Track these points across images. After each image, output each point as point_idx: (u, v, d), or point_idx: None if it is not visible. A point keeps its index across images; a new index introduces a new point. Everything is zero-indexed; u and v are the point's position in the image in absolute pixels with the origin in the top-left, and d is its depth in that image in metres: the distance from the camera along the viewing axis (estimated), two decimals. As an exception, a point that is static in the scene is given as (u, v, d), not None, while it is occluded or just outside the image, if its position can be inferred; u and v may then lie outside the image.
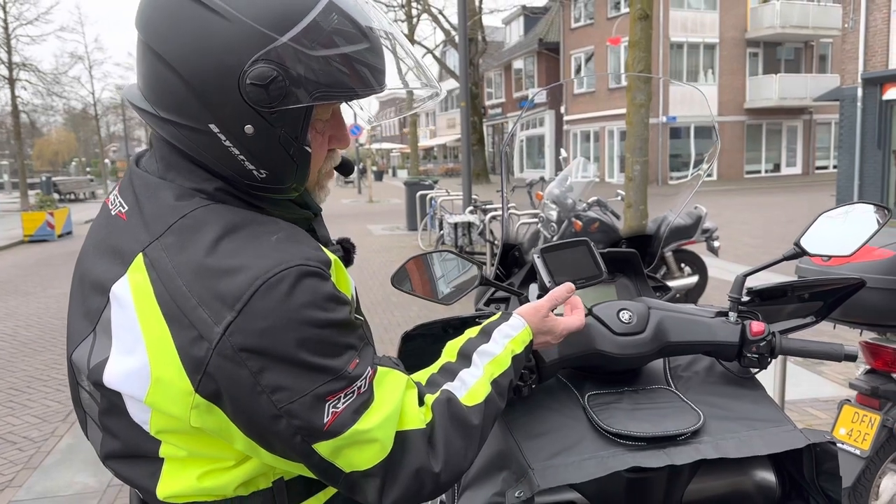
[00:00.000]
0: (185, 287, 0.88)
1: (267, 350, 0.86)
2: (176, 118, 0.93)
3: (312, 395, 0.88)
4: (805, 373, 4.97)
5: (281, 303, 0.86)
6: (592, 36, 32.58)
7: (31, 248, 15.36)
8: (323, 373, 0.89)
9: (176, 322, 0.87)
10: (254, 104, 0.89)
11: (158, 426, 0.94)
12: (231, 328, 0.85)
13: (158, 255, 0.90)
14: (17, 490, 3.78)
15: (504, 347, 1.13)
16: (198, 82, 0.90)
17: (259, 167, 0.95)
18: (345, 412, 0.90)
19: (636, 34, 6.09)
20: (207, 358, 0.86)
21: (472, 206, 10.43)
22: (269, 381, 0.87)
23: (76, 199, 32.02)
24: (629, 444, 1.30)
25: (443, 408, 1.01)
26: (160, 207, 0.94)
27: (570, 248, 1.45)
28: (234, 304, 0.86)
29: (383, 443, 0.93)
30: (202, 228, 0.91)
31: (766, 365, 1.46)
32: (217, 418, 0.90)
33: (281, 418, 0.88)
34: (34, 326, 7.67)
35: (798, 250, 1.51)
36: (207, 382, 0.87)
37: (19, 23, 24.25)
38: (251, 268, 0.87)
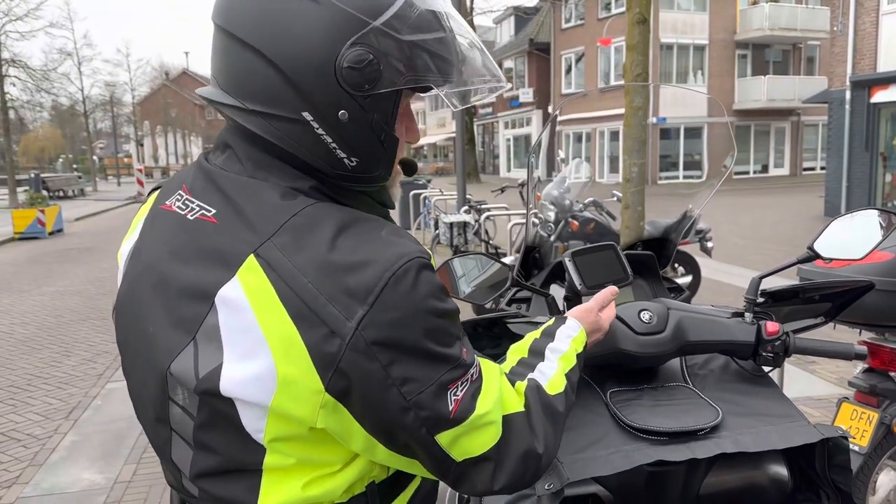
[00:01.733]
0: (311, 284, 0.86)
1: (397, 342, 0.87)
2: (267, 109, 0.92)
3: (437, 384, 0.90)
4: (798, 372, 5.06)
5: (409, 294, 0.87)
6: (583, 36, 32.69)
7: (21, 245, 15.27)
8: (445, 362, 0.91)
9: (304, 320, 0.86)
10: (349, 88, 0.90)
11: (274, 433, 0.91)
12: (364, 322, 0.85)
13: (274, 255, 0.88)
14: (25, 487, 3.80)
15: (569, 346, 1.18)
16: (292, 69, 0.89)
17: (350, 155, 0.95)
18: (465, 399, 0.92)
19: (634, 37, 6.15)
20: (340, 354, 0.86)
21: (467, 206, 10.48)
22: (399, 373, 0.87)
23: (65, 196, 31.77)
24: (652, 439, 1.36)
25: (534, 394, 1.05)
26: (264, 207, 0.92)
27: (599, 252, 1.52)
28: (367, 298, 0.85)
29: (497, 426, 0.96)
30: (317, 226, 0.90)
31: (780, 363, 1.53)
32: (341, 417, 0.90)
33: (409, 410, 0.89)
34: (30, 324, 7.66)
35: (811, 254, 1.58)
36: (338, 380, 0.87)
37: (9, 18, 24.02)
38: (377, 262, 0.87)
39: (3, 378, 5.77)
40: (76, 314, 8.04)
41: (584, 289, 1.46)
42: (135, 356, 1.00)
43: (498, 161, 43.84)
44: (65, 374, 5.83)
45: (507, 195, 10.02)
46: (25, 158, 55.87)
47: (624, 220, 6.32)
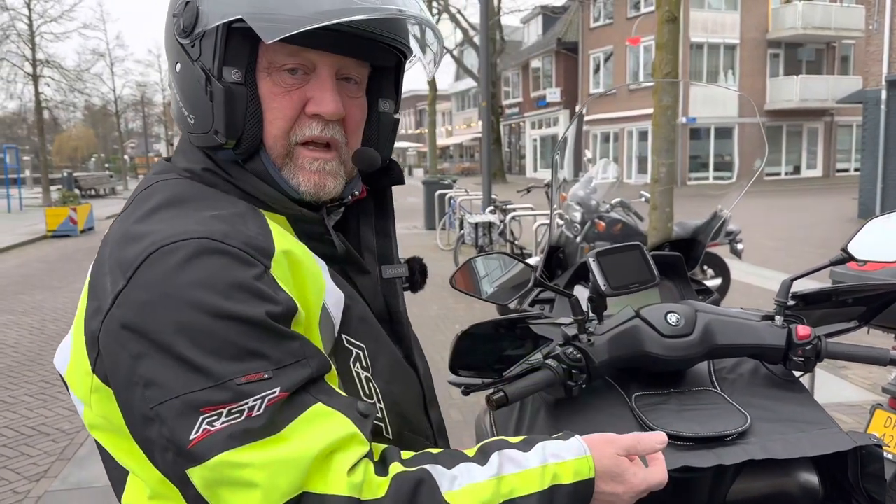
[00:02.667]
0: (107, 253, 0.82)
1: (145, 331, 0.73)
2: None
3: (185, 400, 0.71)
4: (830, 377, 4.96)
5: (167, 275, 0.74)
6: (612, 36, 32.46)
7: (53, 242, 15.55)
8: (201, 375, 0.71)
9: (91, 290, 0.82)
10: (177, 37, 0.89)
11: (87, 419, 0.86)
12: (119, 298, 0.75)
13: (111, 226, 0.89)
14: (53, 480, 3.86)
15: (541, 464, 0.82)
16: (168, 35, 0.93)
17: (189, 111, 0.90)
18: (218, 434, 0.70)
19: (663, 36, 6.08)
20: (98, 331, 0.77)
21: (493, 206, 10.45)
22: (144, 371, 0.73)
23: (97, 194, 32.33)
24: (678, 444, 1.33)
25: (405, 487, 0.74)
26: (140, 184, 0.94)
27: (624, 253, 1.48)
28: (127, 272, 0.76)
29: (268, 488, 0.70)
30: (150, 198, 0.87)
31: (812, 368, 1.48)
32: (113, 409, 0.79)
33: (153, 422, 0.72)
34: (61, 320, 7.78)
35: (845, 255, 1.53)
36: (101, 362, 0.78)
37: (43, 20, 24.58)
38: (153, 234, 0.78)
39: (34, 374, 5.87)
40: (106, 311, 8.16)
41: (608, 290, 1.43)
42: None
43: (524, 161, 43.71)
44: (94, 370, 5.91)
45: (532, 195, 9.97)
46: (59, 157, 56.97)
47: (652, 222, 6.25)
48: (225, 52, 0.85)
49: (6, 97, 31.04)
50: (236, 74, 0.86)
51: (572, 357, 1.39)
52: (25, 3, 24.07)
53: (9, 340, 6.95)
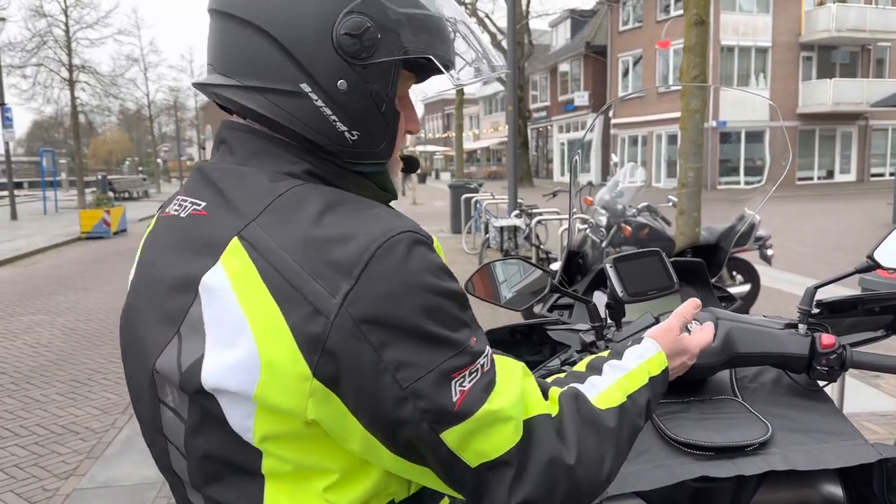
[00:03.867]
0: (294, 261, 0.81)
1: (389, 319, 0.79)
2: (264, 83, 0.90)
3: (438, 372, 0.80)
4: (861, 386, 4.86)
5: (400, 266, 0.81)
6: (640, 39, 32.23)
7: (87, 244, 15.83)
8: (448, 346, 0.82)
9: (287, 299, 0.80)
10: (347, 56, 0.88)
11: (263, 430, 0.83)
12: (350, 297, 0.79)
13: (258, 235, 0.84)
14: (81, 479, 3.92)
15: (638, 365, 1.04)
16: (289, 39, 0.88)
17: (351, 128, 0.91)
18: (473, 390, 0.82)
19: (691, 39, 6.01)
20: (325, 334, 0.79)
21: (518, 210, 10.42)
22: (393, 357, 0.79)
23: (130, 197, 32.87)
24: (697, 454, 1.31)
25: (571, 402, 0.93)
26: (252, 191, 0.88)
27: (642, 259, 1.47)
28: (352, 271, 0.79)
29: (517, 425, 0.85)
30: (303, 204, 0.86)
31: (836, 378, 1.45)
32: (334, 409, 0.82)
33: (406, 401, 0.80)
34: (93, 321, 7.92)
35: (871, 263, 1.50)
36: (326, 363, 0.79)
37: (80, 26, 25.07)
38: (364, 234, 0.82)
39: (66, 372, 5.98)
40: (136, 312, 8.29)
41: (625, 296, 1.41)
42: (130, 365, 0.96)
43: (551, 165, 43.56)
44: (122, 370, 5.99)
45: (559, 199, 9.91)
46: (94, 161, 58.06)
47: (679, 226, 6.18)
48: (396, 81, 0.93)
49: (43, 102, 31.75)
50: (396, 100, 0.95)
51: (590, 364, 1.39)
52: (63, 10, 24.58)
53: (42, 340, 7.10)
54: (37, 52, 24.72)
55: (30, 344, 6.95)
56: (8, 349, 6.77)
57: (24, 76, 25.19)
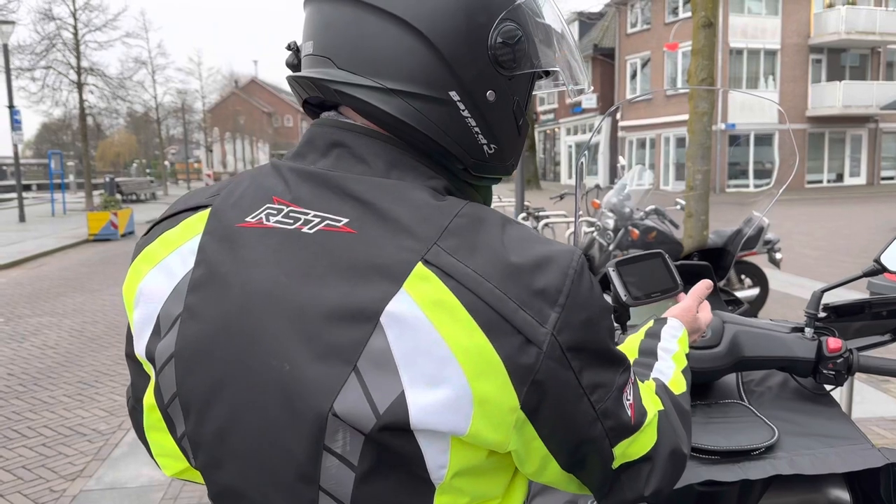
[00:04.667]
0: (497, 289, 0.75)
1: (587, 344, 0.79)
2: (410, 87, 0.82)
3: (617, 389, 0.83)
4: (870, 390, 4.83)
5: (591, 290, 0.80)
6: (649, 41, 32.19)
7: (95, 246, 15.91)
8: (620, 363, 0.85)
9: (496, 330, 0.75)
10: (500, 65, 0.84)
11: (458, 466, 0.78)
12: (558, 326, 0.76)
13: (448, 261, 0.76)
14: (88, 480, 3.94)
15: (678, 346, 1.13)
16: (443, 43, 0.82)
17: (490, 141, 0.88)
18: (636, 403, 0.87)
19: (699, 42, 6.00)
20: (537, 364, 0.76)
21: (525, 213, 10.42)
22: (589, 380, 0.80)
23: (138, 199, 32.99)
24: (703, 458, 1.30)
25: (664, 393, 0.99)
26: (418, 209, 0.79)
27: (645, 261, 1.46)
28: (557, 299, 0.77)
29: (655, 425, 0.90)
30: (483, 225, 0.80)
31: (843, 382, 1.44)
32: (526, 436, 0.80)
33: (597, 422, 0.82)
34: (100, 323, 7.96)
35: (878, 267, 1.49)
36: (533, 393, 0.76)
37: (88, 29, 25.18)
38: (556, 258, 0.79)
39: (73, 374, 6.01)
40: (143, 314, 8.31)
41: (629, 299, 1.41)
42: (249, 406, 0.79)
43: (559, 168, 43.52)
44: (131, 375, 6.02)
45: (566, 202, 9.93)
46: (102, 163, 58.38)
47: (686, 229, 6.17)
48: None
49: (52, 104, 31.72)
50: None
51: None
52: (71, 13, 24.71)
53: (49, 341, 7.13)
54: (46, 54, 24.84)
55: (37, 346, 6.98)
56: (16, 351, 6.80)
57: (32, 79, 25.30)
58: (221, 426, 0.81)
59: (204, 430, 0.82)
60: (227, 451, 0.82)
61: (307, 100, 0.92)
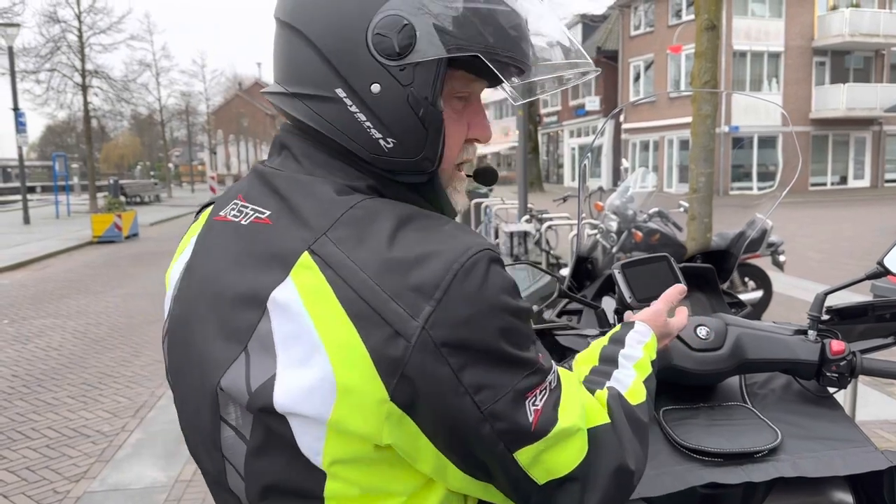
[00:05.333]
0: (371, 280, 0.77)
1: (470, 342, 0.77)
2: (303, 89, 0.87)
3: (515, 392, 0.80)
4: (874, 393, 4.82)
5: (480, 288, 0.78)
6: (652, 44, 32.18)
7: (99, 248, 15.93)
8: (522, 366, 0.81)
9: (364, 321, 0.77)
10: (381, 57, 0.83)
11: (334, 455, 0.80)
12: (431, 320, 0.76)
13: (331, 251, 0.80)
14: (91, 482, 3.94)
15: (643, 352, 1.07)
16: (324, 43, 0.85)
17: (386, 135, 0.87)
18: (546, 409, 0.82)
19: (702, 44, 6.00)
20: (406, 357, 0.76)
21: (528, 216, 10.40)
22: (473, 379, 0.78)
23: (141, 201, 33.05)
24: (706, 460, 1.30)
25: (617, 403, 0.93)
26: (320, 202, 0.84)
27: (651, 264, 1.46)
28: (433, 293, 0.77)
29: (583, 440, 0.85)
30: (376, 218, 0.82)
31: (846, 384, 1.44)
32: (408, 432, 0.79)
33: (485, 422, 0.79)
34: (104, 324, 7.97)
35: (881, 269, 1.49)
36: (403, 387, 0.77)
37: (93, 32, 25.26)
38: (442, 253, 0.79)
39: (77, 376, 6.02)
40: (147, 316, 8.32)
41: (633, 302, 1.41)
42: (185, 379, 0.92)
43: (562, 170, 43.51)
44: (133, 374, 6.03)
45: (569, 204, 9.89)
46: (106, 165, 58.57)
47: (690, 232, 6.16)
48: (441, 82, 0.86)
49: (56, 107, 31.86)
50: (441, 103, 0.88)
51: (597, 370, 1.38)
52: (76, 16, 24.79)
53: (53, 343, 7.14)
54: (50, 57, 24.94)
55: (41, 347, 7.00)
56: (20, 352, 6.81)
57: (37, 81, 25.41)
58: (180, 396, 0.95)
59: (176, 399, 0.97)
60: (184, 419, 0.95)
61: None
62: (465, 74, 0.90)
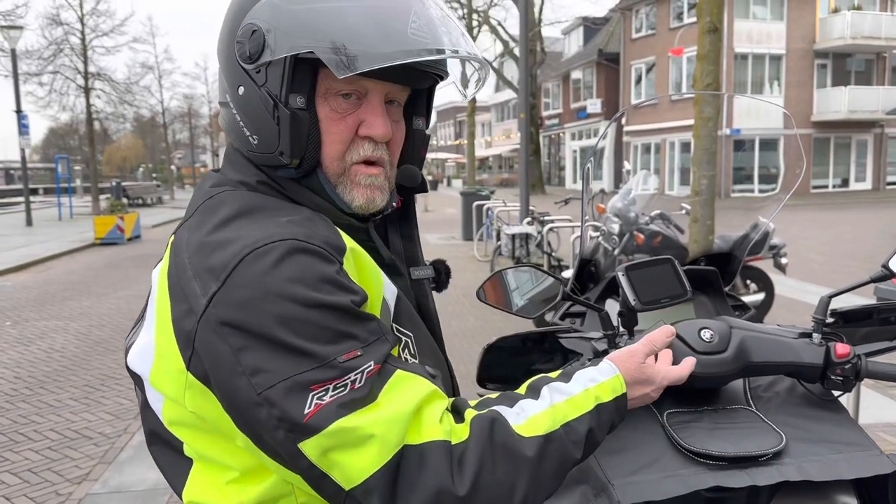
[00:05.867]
0: (186, 260, 0.89)
1: (247, 325, 0.81)
2: (221, 98, 1.03)
3: (293, 381, 0.80)
4: (878, 397, 4.81)
5: (264, 274, 0.82)
6: (654, 46, 32.18)
7: (101, 250, 15.95)
8: (307, 357, 0.81)
9: (175, 295, 0.88)
10: (241, 61, 0.95)
11: (169, 416, 0.93)
12: (215, 299, 0.82)
13: (180, 235, 0.95)
14: (94, 483, 3.94)
15: (584, 389, 0.97)
16: (220, 58, 1.00)
17: (252, 132, 0.97)
18: (329, 405, 0.80)
19: (704, 47, 6.00)
20: (194, 331, 0.84)
21: (530, 218, 10.41)
22: (249, 362, 0.81)
23: (144, 203, 33.08)
24: (710, 464, 1.30)
25: (483, 426, 0.86)
26: (199, 194, 1.01)
27: (655, 266, 1.46)
28: (220, 275, 0.84)
29: (382, 443, 0.80)
30: (219, 208, 0.94)
31: (851, 388, 1.44)
32: (212, 405, 0.86)
33: (261, 406, 0.80)
34: (106, 326, 7.97)
35: (886, 272, 1.48)
36: (197, 360, 0.84)
37: (95, 34, 25.32)
38: (242, 239, 0.86)
39: (79, 378, 6.02)
40: (149, 318, 8.32)
41: (638, 304, 1.41)
42: None
43: (563, 173, 43.50)
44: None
45: (571, 207, 9.89)
46: (109, 167, 58.60)
47: (692, 234, 6.16)
48: (291, 80, 0.94)
49: (59, 109, 32.03)
50: (300, 101, 0.95)
51: (602, 372, 1.38)
52: (79, 18, 24.85)
53: (56, 345, 7.15)
54: (53, 59, 25.00)
55: (44, 349, 7.00)
56: (22, 354, 6.82)
57: (40, 84, 25.46)
58: None
59: None
60: None
61: None
62: (301, 55, 0.93)
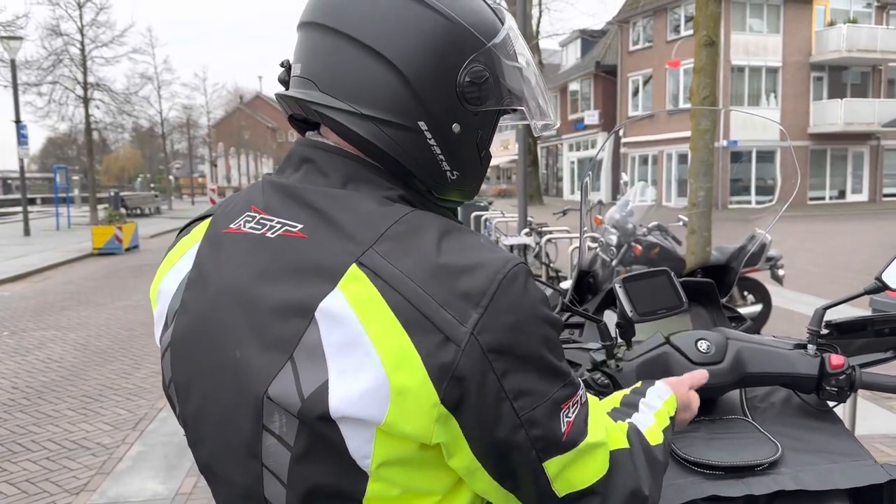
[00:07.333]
0: (421, 289, 0.82)
1: (513, 348, 0.82)
2: (383, 115, 0.91)
3: (552, 401, 0.85)
4: (874, 407, 4.82)
5: (522, 297, 0.84)
6: (651, 58, 32.35)
7: (99, 260, 15.94)
8: (559, 376, 0.86)
9: (416, 327, 0.81)
10: (466, 102, 0.93)
11: (382, 457, 0.84)
12: (479, 326, 0.81)
13: (379, 263, 0.84)
14: (92, 494, 3.94)
15: (662, 405, 1.12)
16: (415, 77, 0.90)
17: (454, 168, 0.97)
18: (577, 421, 0.88)
19: (701, 60, 6.05)
20: (455, 362, 0.80)
21: (528, 229, 10.43)
22: (513, 385, 0.82)
23: (142, 213, 33.08)
24: (707, 473, 1.32)
25: (637, 436, 0.99)
26: (362, 216, 0.88)
27: (651, 278, 1.48)
28: (480, 301, 0.81)
29: (605, 456, 0.91)
30: (420, 231, 0.87)
31: (846, 398, 1.46)
32: (451, 431, 0.84)
33: (521, 428, 0.83)
34: (104, 336, 7.97)
35: (879, 284, 1.51)
36: (452, 389, 0.81)
37: (95, 45, 25.37)
38: (487, 264, 0.84)
39: (77, 388, 6.02)
40: (147, 328, 8.30)
41: (635, 315, 1.43)
42: (213, 390, 0.91)
43: (561, 184, 43.60)
44: (134, 386, 6.03)
45: (569, 218, 9.92)
46: (107, 177, 58.58)
47: (689, 246, 6.18)
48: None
49: (58, 119, 31.98)
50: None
51: (600, 383, 1.40)
52: (79, 29, 24.91)
53: (54, 356, 7.14)
54: (52, 70, 25.02)
55: (42, 359, 7.00)
56: (20, 364, 6.82)
57: (39, 94, 25.47)
58: (197, 408, 0.94)
59: (187, 412, 0.96)
60: (201, 431, 0.94)
61: (293, 115, 1.03)
62: (511, 109, 1.02)
